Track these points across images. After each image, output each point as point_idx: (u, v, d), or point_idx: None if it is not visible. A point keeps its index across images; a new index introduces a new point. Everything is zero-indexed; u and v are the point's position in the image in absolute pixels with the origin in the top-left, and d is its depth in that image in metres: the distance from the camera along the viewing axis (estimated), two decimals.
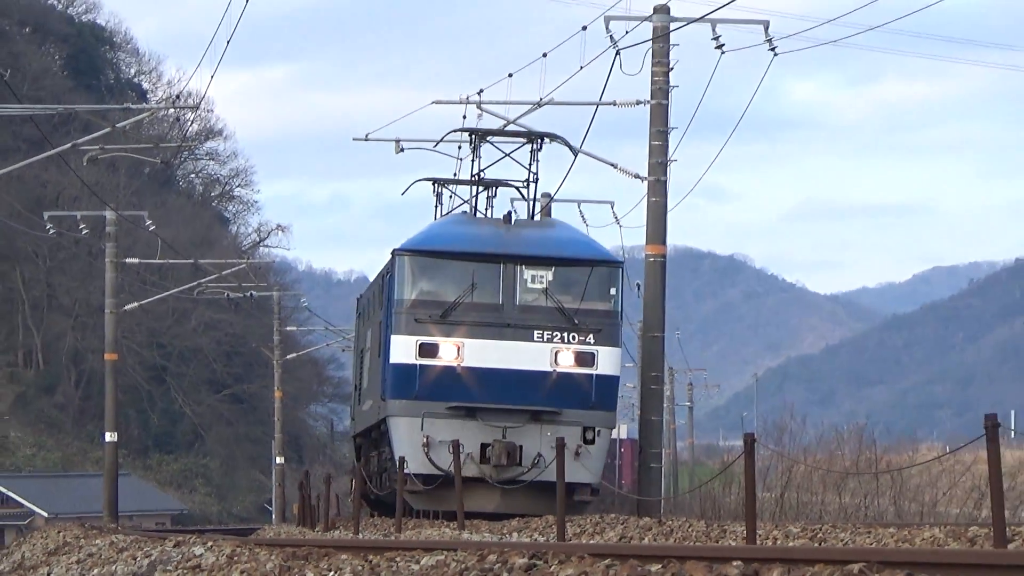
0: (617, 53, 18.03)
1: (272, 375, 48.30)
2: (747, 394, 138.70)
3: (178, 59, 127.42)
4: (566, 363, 14.95)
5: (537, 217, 17.64)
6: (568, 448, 13.63)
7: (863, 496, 21.33)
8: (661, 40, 18.54)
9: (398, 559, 8.14)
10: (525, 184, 16.85)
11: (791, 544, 10.30)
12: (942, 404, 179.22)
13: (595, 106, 19.11)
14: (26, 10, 60.27)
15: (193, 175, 72.66)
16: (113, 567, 14.43)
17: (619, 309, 15.60)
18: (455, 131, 18.22)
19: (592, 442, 15.10)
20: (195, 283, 40.85)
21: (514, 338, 14.81)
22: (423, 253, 15.33)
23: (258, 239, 68.71)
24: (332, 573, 8.61)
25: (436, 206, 19.49)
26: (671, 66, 18.78)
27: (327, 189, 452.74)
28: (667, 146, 18.77)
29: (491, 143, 17.22)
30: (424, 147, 23.84)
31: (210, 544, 12.97)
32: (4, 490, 48.87)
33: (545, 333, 14.85)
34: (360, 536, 15.52)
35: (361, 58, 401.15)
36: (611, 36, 18.18)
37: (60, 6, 67.77)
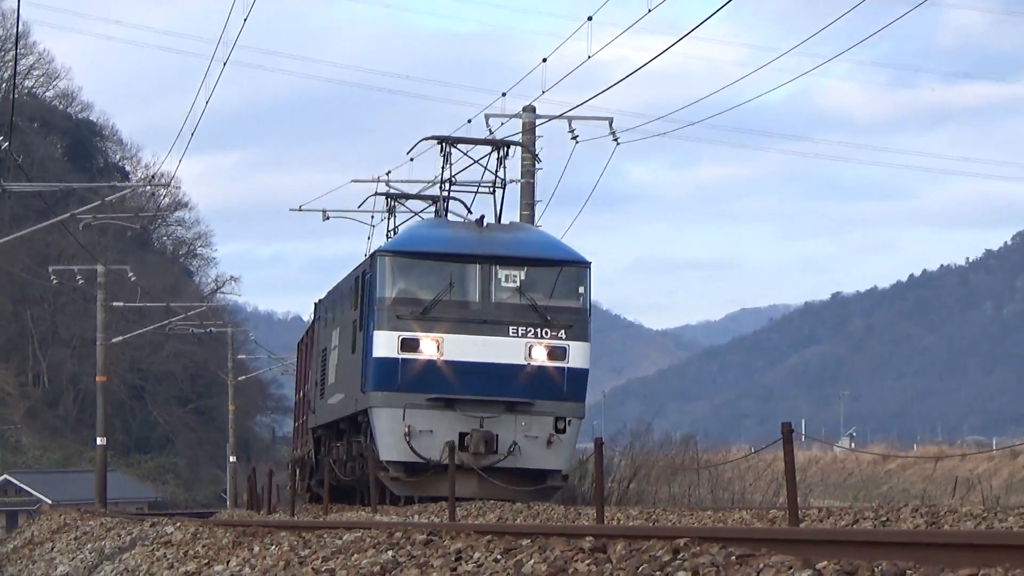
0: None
1: (227, 393, 49.61)
2: (598, 407, 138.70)
3: (154, 147, 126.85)
4: (539, 357, 12.87)
5: (504, 221, 15.32)
6: (540, 438, 12.70)
7: (688, 487, 20.89)
8: (529, 132, 17.98)
9: (325, 536, 7.47)
10: (492, 189, 14.59)
11: (632, 524, 9.71)
12: (748, 415, 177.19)
13: (477, 184, 16.43)
14: (35, 108, 62.62)
15: (165, 237, 73.55)
16: (103, 543, 13.95)
17: (588, 307, 13.53)
18: (426, 139, 15.54)
19: (563, 431, 13.08)
20: (167, 321, 41.05)
21: (491, 333, 12.76)
22: (403, 254, 13.26)
23: (215, 287, 69.64)
24: (273, 547, 7.87)
25: (389, 218, 17.35)
26: (537, 153, 18.02)
27: (269, 248, 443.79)
28: (534, 215, 18.05)
29: (459, 149, 14.93)
30: (346, 216, 22.91)
31: (178, 524, 12.41)
32: (17, 482, 50.43)
33: (520, 328, 12.80)
34: (296, 518, 14.69)
35: (295, 146, 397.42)
36: (490, 129, 17.27)
37: (61, 106, 69.45)
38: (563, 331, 12.96)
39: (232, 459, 47.97)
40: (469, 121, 17.75)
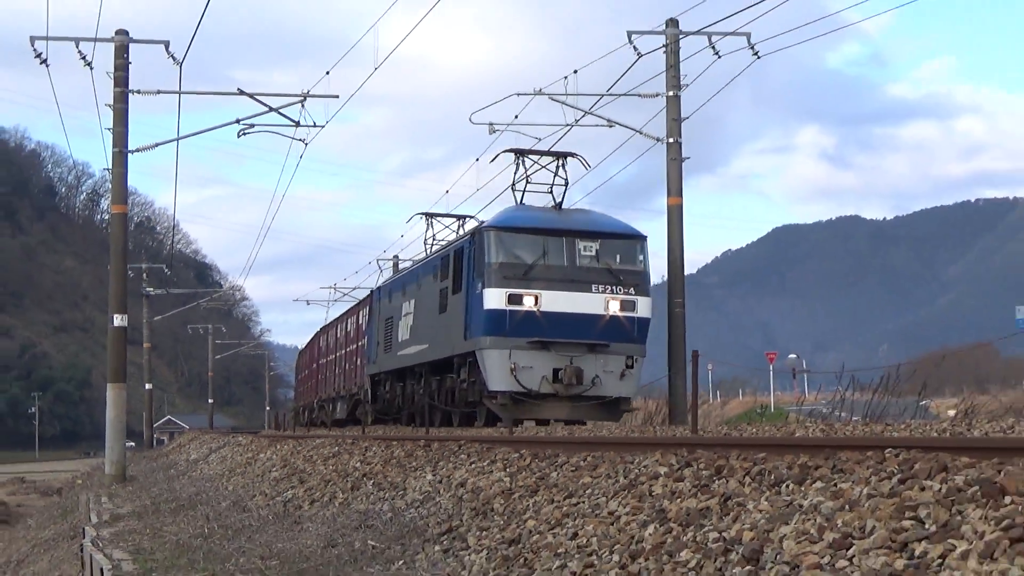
0: (639, 57, 18.70)
1: (266, 381, 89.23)
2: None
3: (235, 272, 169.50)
4: (614, 309, 15.35)
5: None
6: (615, 372, 15.45)
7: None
8: (673, 47, 18.83)
9: (309, 440, 15.99)
10: (550, 189, 17.15)
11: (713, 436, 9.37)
12: None
13: (620, 96, 19.42)
14: (179, 256, 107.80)
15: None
16: (211, 444, 26.56)
17: (648, 270, 16.08)
18: (506, 151, 17.75)
19: (631, 367, 15.60)
20: (238, 348, 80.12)
21: (576, 290, 15.27)
22: (505, 229, 15.60)
23: (260, 335, 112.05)
24: (285, 446, 16.49)
25: (428, 230, 22.13)
26: (679, 66, 18.83)
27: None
28: (680, 130, 18.85)
29: (531, 159, 17.41)
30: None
31: (244, 437, 24.59)
32: (175, 420, 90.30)
33: (599, 286, 15.37)
34: (294, 433, 25.19)
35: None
36: (634, 46, 18.64)
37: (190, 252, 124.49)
38: (631, 288, 15.50)
39: (268, 408, 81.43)
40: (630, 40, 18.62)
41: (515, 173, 17.27)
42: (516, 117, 19.64)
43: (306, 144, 19.59)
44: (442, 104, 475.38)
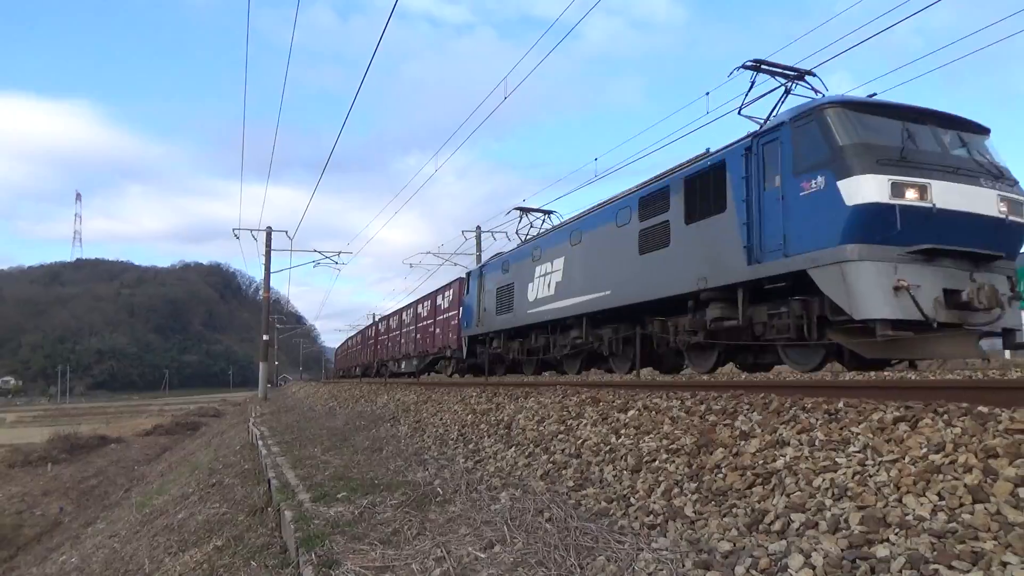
0: None
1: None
2: None
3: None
4: (1008, 211, 10.67)
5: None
6: (1005, 296, 10.64)
7: None
8: None
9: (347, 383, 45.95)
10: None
11: None
12: None
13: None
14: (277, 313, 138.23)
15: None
16: (300, 386, 50.37)
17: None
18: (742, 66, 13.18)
19: (1014, 290, 10.95)
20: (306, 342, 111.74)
21: (967, 183, 10.44)
22: (852, 105, 10.92)
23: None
24: (331, 385, 38.65)
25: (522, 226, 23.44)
26: None
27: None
28: None
29: (766, 71, 13.17)
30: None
31: (313, 382, 62.62)
32: (288, 377, 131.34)
33: (986, 180, 10.71)
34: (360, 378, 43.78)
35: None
36: None
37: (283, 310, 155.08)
38: (1015, 186, 11.05)
39: (324, 371, 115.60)
40: None
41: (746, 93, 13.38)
42: None
43: (339, 268, 46.00)
44: None
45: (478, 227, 41.85)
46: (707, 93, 17.17)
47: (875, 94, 11.75)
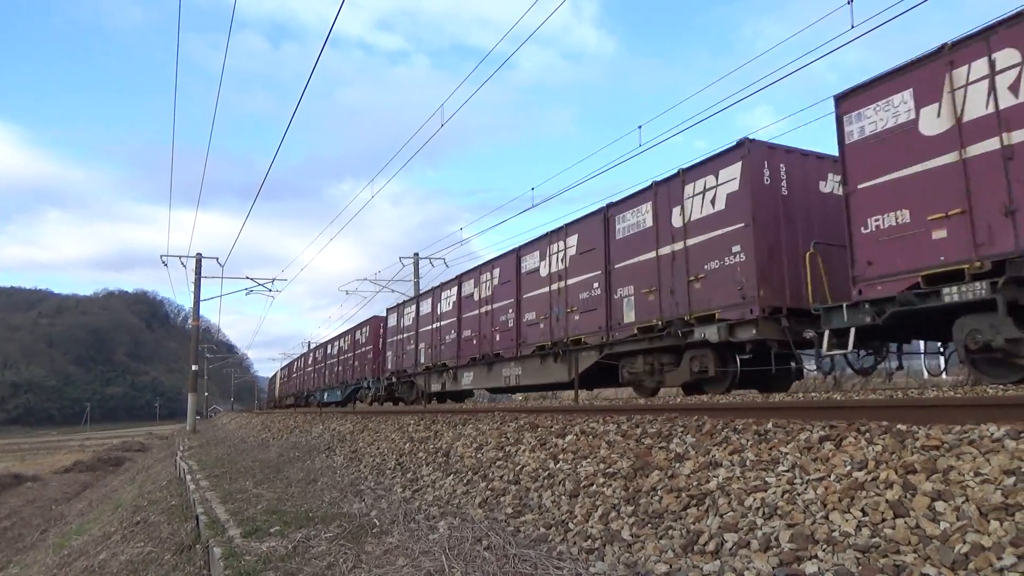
0: None
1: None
2: None
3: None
4: None
5: None
6: None
7: None
8: None
9: (311, 412, 47.48)
10: None
11: None
12: None
13: None
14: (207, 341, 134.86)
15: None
16: (230, 417, 56.38)
17: None
18: None
19: None
20: (243, 373, 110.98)
21: None
22: None
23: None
24: (262, 415, 46.36)
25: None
26: None
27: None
28: None
29: None
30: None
31: (245, 413, 66.28)
32: (217, 407, 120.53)
33: None
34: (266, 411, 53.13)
35: None
36: None
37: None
38: None
39: (256, 401, 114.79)
40: None
41: None
42: None
43: (273, 296, 45.35)
44: None
45: (415, 254, 41.95)
46: (639, 127, 17.81)
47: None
